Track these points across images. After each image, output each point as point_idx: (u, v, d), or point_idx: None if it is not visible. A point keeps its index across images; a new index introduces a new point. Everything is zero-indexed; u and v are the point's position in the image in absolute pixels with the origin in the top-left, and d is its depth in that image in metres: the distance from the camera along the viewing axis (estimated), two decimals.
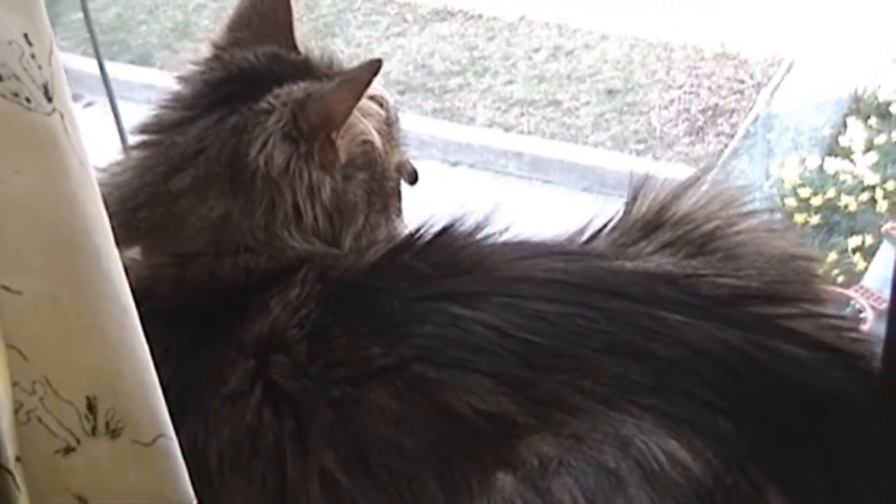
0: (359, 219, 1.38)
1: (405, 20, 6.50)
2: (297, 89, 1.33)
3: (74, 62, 5.80)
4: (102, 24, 6.31)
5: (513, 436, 1.08)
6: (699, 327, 1.13)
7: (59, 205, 0.86)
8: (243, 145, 1.30)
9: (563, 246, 1.29)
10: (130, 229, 1.30)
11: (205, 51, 1.43)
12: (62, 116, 0.86)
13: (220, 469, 1.18)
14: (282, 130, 1.30)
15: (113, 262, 0.90)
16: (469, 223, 1.27)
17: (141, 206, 1.31)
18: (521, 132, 5.69)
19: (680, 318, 1.14)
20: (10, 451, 0.86)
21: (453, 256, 1.23)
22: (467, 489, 1.08)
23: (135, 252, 1.30)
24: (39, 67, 0.85)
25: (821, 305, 1.25)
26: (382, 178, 1.42)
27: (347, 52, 6.04)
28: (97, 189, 0.90)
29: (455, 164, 5.59)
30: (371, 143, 1.37)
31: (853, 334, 1.21)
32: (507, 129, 5.70)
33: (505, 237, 1.28)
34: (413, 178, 1.47)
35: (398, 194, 1.46)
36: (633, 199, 1.34)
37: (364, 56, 5.02)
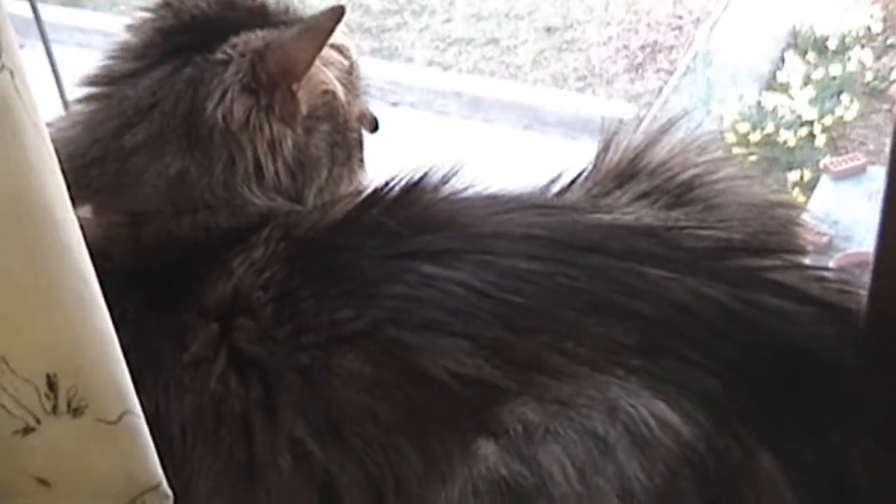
0: (322, 172, 1.32)
1: None
2: (256, 38, 1.27)
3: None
4: None
5: (493, 401, 1.03)
6: (684, 283, 1.09)
7: (11, 171, 0.80)
8: (200, 98, 1.24)
9: (537, 199, 1.23)
10: (81, 187, 1.23)
11: None
12: (12, 74, 0.80)
13: (182, 440, 1.13)
14: (240, 82, 1.24)
15: (72, 232, 0.85)
16: (438, 175, 1.21)
17: (92, 162, 1.24)
18: (461, 71, 5.67)
19: (663, 273, 1.09)
20: None
21: (424, 212, 1.18)
22: (446, 457, 1.04)
23: (86, 210, 1.24)
24: None
25: (804, 256, 1.22)
26: (345, 129, 1.36)
27: None
28: (53, 153, 0.84)
29: (395, 105, 5.56)
30: (333, 93, 1.31)
31: (840, 286, 1.17)
32: (446, 69, 5.68)
33: (475, 190, 1.22)
34: (374, 127, 1.41)
35: (361, 145, 1.40)
36: (605, 148, 1.28)
37: None
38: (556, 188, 1.25)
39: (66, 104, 1.35)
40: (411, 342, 1.06)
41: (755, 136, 4.83)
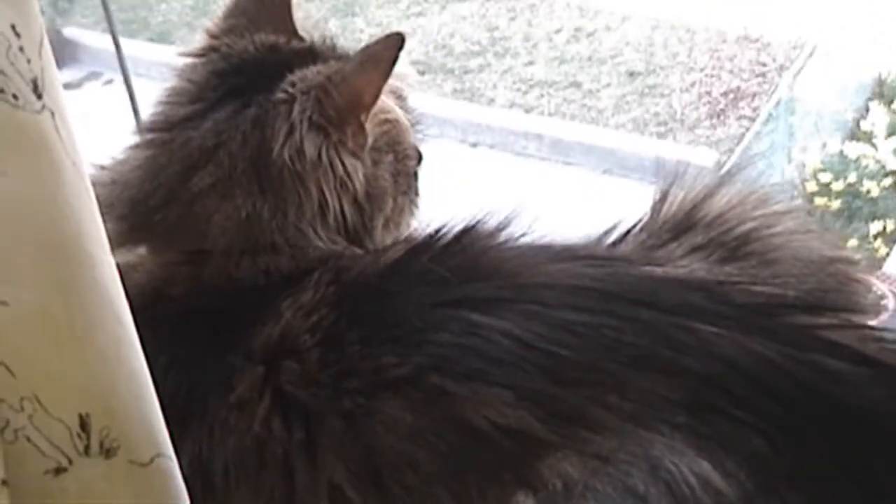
0: (388, 202, 1.34)
1: (426, 0, 6.46)
2: (313, 74, 1.27)
3: (94, 39, 5.81)
4: (122, 2, 6.30)
5: (534, 454, 1.02)
6: (734, 340, 1.06)
7: (50, 210, 0.81)
8: (266, 139, 1.24)
9: (590, 250, 1.22)
10: (144, 230, 1.25)
11: (199, 41, 1.38)
12: (53, 115, 0.81)
13: (225, 481, 1.12)
14: (308, 120, 1.24)
15: (107, 271, 0.85)
16: (491, 223, 1.20)
17: (157, 207, 1.25)
18: (542, 113, 5.66)
19: (713, 329, 1.07)
20: None
21: (474, 260, 1.17)
22: None
23: (142, 250, 1.25)
24: (28, 61, 0.80)
25: (862, 315, 1.19)
26: (405, 157, 1.37)
27: (368, 32, 6.03)
28: (91, 193, 0.84)
29: (475, 145, 5.58)
30: (394, 121, 1.32)
31: None
32: (528, 111, 5.68)
33: (529, 238, 1.21)
34: (419, 159, 1.42)
35: (417, 174, 1.41)
36: (663, 197, 1.27)
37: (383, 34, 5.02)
38: (611, 238, 1.23)
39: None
40: (454, 391, 1.05)
41: (837, 186, 4.76)
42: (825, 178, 4.79)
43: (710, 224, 1.22)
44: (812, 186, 4.75)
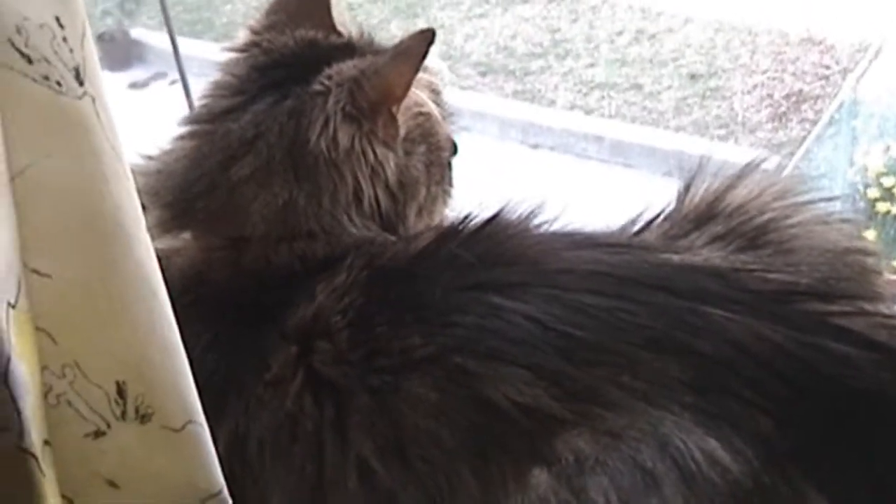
0: (421, 191, 1.38)
1: (488, 1, 6.48)
2: (349, 67, 1.32)
3: (160, 40, 5.88)
4: (188, 3, 6.37)
5: (549, 430, 1.06)
6: (744, 324, 1.10)
7: (90, 189, 0.86)
8: (302, 129, 1.29)
9: (610, 237, 1.26)
10: (187, 218, 1.31)
11: (242, 36, 1.43)
12: (93, 100, 0.86)
13: (259, 455, 1.18)
14: (342, 111, 1.29)
15: (143, 248, 0.90)
16: (518, 212, 1.25)
17: (199, 195, 1.30)
18: (603, 115, 5.66)
19: (725, 314, 1.11)
20: (35, 436, 0.86)
21: (499, 246, 1.22)
22: (503, 484, 1.07)
23: (186, 235, 1.31)
24: (71, 51, 0.85)
25: (876, 302, 1.21)
26: (438, 148, 1.41)
27: None
28: (129, 174, 0.89)
29: (535, 147, 5.58)
30: (427, 114, 1.37)
31: None
32: (588, 113, 5.68)
33: (554, 227, 1.26)
34: (454, 150, 1.46)
35: (450, 165, 1.46)
36: (686, 188, 1.31)
37: (447, 38, 5.00)
38: (636, 227, 1.28)
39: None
40: (475, 370, 1.10)
41: None
42: (888, 182, 4.75)
43: (730, 214, 1.26)
44: (875, 191, 4.71)
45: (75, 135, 0.85)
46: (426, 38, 1.26)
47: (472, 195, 1.45)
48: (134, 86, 5.98)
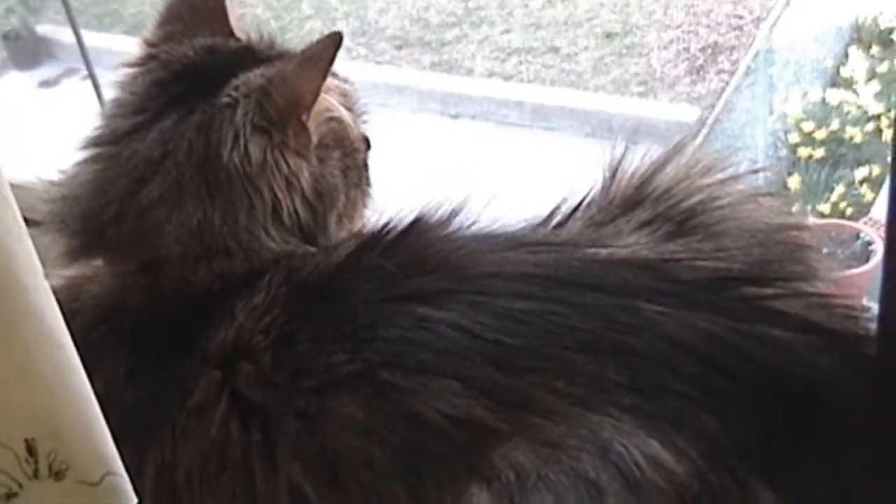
0: (339, 198, 1.34)
1: None
2: (255, 76, 1.27)
3: (68, 35, 5.78)
4: None
5: (485, 443, 1.02)
6: (678, 318, 1.07)
7: None
8: (213, 145, 1.24)
9: (534, 236, 1.22)
10: (98, 245, 1.26)
11: (137, 51, 1.38)
12: None
13: (188, 486, 1.13)
14: (251, 123, 1.25)
15: (42, 296, 0.85)
16: (439, 214, 1.21)
17: (108, 222, 1.25)
18: (521, 81, 5.65)
19: (658, 308, 1.08)
20: None
21: (421, 253, 1.18)
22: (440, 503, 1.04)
23: (97, 262, 1.26)
24: None
25: (812, 280, 1.19)
26: (353, 151, 1.37)
27: (342, 10, 6.01)
28: (20, 220, 0.84)
29: (456, 117, 5.56)
30: (339, 119, 1.32)
31: (846, 311, 1.15)
32: (507, 79, 5.66)
33: (476, 227, 1.22)
34: (368, 147, 1.43)
35: (367, 165, 1.42)
36: (613, 173, 1.28)
37: (360, 13, 4.98)
38: (558, 217, 1.24)
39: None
40: (403, 384, 1.06)
41: (821, 134, 4.74)
42: (808, 127, 4.76)
43: (657, 199, 1.22)
44: (795, 137, 4.73)
45: None
46: (334, 42, 1.22)
47: (394, 172, 1.42)
48: (45, 84, 5.88)
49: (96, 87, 2.57)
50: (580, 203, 1.25)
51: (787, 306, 1.11)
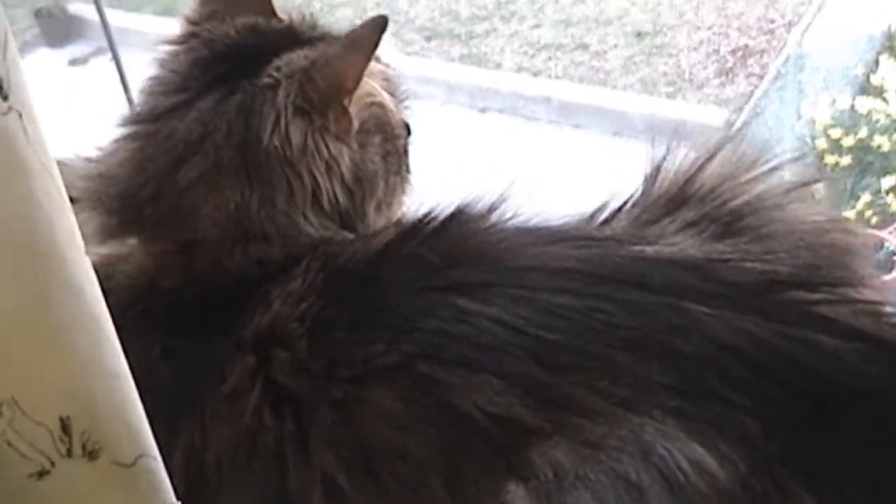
0: (379, 184, 1.32)
1: None
2: (298, 58, 1.26)
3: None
4: None
5: (524, 441, 1.00)
6: (725, 320, 1.04)
7: (21, 213, 0.79)
8: (253, 126, 1.23)
9: (579, 230, 1.20)
10: (134, 224, 1.24)
11: (178, 28, 1.36)
12: (20, 115, 0.79)
13: (218, 472, 1.12)
14: (293, 105, 1.23)
15: (83, 272, 0.83)
16: (481, 206, 1.19)
17: (145, 201, 1.24)
18: (550, 77, 5.64)
19: (705, 309, 1.05)
20: None
21: (462, 244, 1.15)
22: (476, 499, 1.01)
23: (132, 241, 1.25)
24: None
25: (859, 287, 1.16)
26: (394, 137, 1.35)
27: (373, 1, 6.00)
28: (63, 193, 0.83)
29: (483, 111, 5.56)
30: (381, 104, 1.31)
31: (892, 319, 1.12)
32: (536, 74, 5.65)
33: (519, 220, 1.19)
34: (409, 133, 1.40)
35: (407, 151, 1.40)
36: (655, 172, 1.25)
37: (391, 3, 4.97)
38: (603, 215, 1.21)
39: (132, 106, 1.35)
40: (442, 378, 1.04)
41: (848, 141, 4.71)
42: (835, 133, 4.74)
43: (703, 198, 1.20)
44: (822, 143, 4.70)
45: (1, 155, 0.78)
46: (379, 25, 1.21)
47: (422, 163, 1.41)
48: (74, 62, 5.89)
49: (118, 65, 2.56)
50: (624, 202, 1.23)
51: (835, 312, 1.08)
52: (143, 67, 1.39)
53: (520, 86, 5.60)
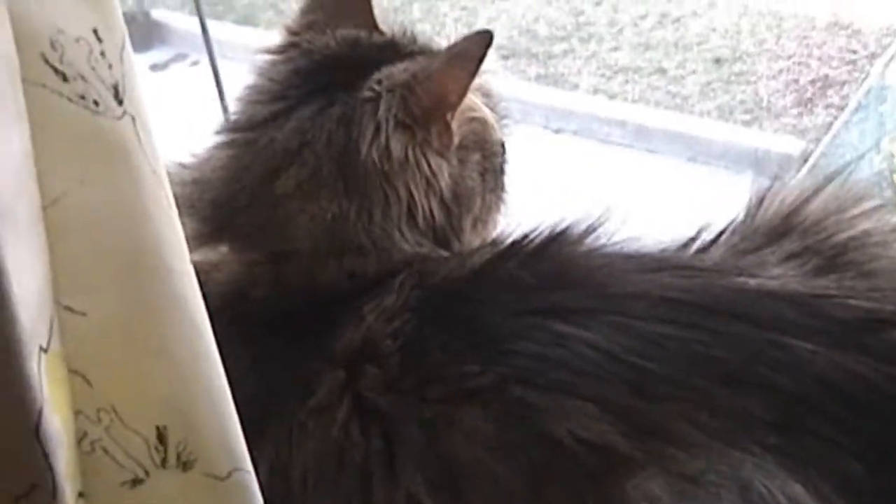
0: (476, 203, 1.32)
1: None
2: (399, 71, 1.25)
3: (181, 21, 5.84)
4: None
5: (618, 471, 0.98)
6: (828, 357, 1.02)
7: (129, 219, 0.79)
8: (352, 138, 1.22)
9: (678, 259, 1.18)
10: (226, 233, 1.24)
11: (279, 38, 1.35)
12: (133, 120, 0.79)
13: (303, 486, 1.11)
14: (394, 118, 1.22)
15: (186, 281, 0.83)
16: (580, 228, 1.17)
17: (240, 209, 1.24)
18: (626, 100, 5.61)
19: (808, 346, 1.03)
20: (69, 491, 0.79)
21: (562, 267, 1.14)
22: None
23: (223, 248, 1.24)
24: (110, 66, 0.78)
25: None
26: (493, 154, 1.35)
27: (452, 16, 5.99)
28: (171, 201, 0.82)
29: (558, 131, 5.52)
30: (481, 120, 1.30)
31: None
32: (612, 97, 5.62)
33: (617, 244, 1.18)
34: (504, 152, 1.39)
35: (504, 169, 1.39)
36: (759, 201, 1.23)
37: (469, 20, 4.97)
38: (701, 241, 1.19)
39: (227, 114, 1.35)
40: (537, 403, 1.02)
41: None
42: None
43: (806, 231, 1.18)
44: None
45: (113, 159, 0.78)
46: (484, 40, 1.19)
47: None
48: (155, 67, 5.93)
49: (216, 72, 2.56)
50: (723, 230, 1.21)
51: None
52: (225, 75, 1.39)
53: (595, 108, 5.57)
